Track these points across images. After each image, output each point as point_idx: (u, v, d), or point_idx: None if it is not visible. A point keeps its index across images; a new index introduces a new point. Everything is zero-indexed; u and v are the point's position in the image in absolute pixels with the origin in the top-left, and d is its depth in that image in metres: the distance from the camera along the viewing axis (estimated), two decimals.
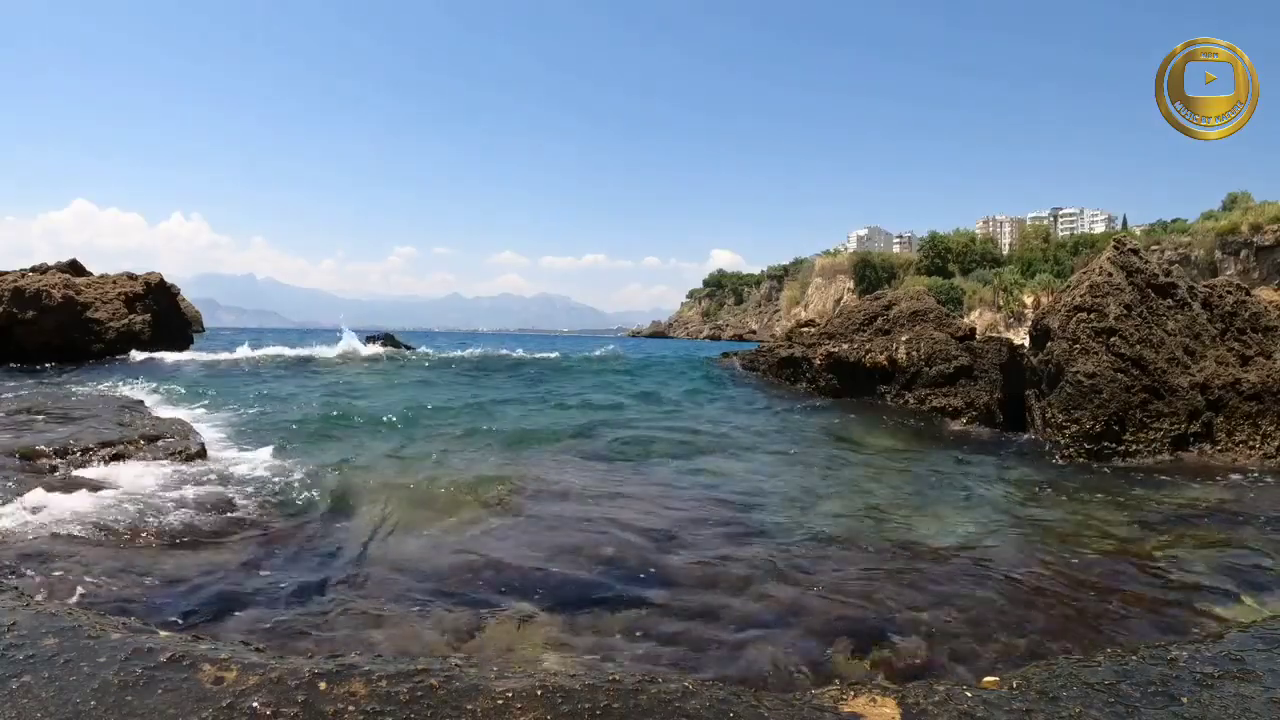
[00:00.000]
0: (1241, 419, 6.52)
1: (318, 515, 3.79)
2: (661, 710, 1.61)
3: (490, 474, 4.87)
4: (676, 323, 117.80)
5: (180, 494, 3.83)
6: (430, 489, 4.41)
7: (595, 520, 3.93)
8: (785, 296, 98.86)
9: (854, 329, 10.70)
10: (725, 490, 4.84)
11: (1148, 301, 7.09)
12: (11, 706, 1.50)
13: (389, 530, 3.61)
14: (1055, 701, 1.71)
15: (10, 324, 12.76)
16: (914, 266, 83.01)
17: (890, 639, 2.54)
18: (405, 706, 1.57)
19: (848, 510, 4.40)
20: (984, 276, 71.36)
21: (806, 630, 2.60)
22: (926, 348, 9.18)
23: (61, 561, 2.78)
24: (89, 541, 3.06)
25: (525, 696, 1.64)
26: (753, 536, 3.73)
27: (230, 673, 1.69)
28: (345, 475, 4.64)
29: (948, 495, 4.89)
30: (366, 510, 3.91)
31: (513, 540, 3.54)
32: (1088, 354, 6.68)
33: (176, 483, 4.05)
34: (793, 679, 2.26)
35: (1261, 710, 1.68)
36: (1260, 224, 53.76)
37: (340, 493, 4.18)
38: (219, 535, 3.37)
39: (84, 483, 3.87)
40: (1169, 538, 3.88)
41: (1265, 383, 6.60)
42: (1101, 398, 6.42)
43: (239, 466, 4.67)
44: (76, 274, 15.31)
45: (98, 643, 1.81)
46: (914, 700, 1.72)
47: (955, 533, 3.91)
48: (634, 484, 4.94)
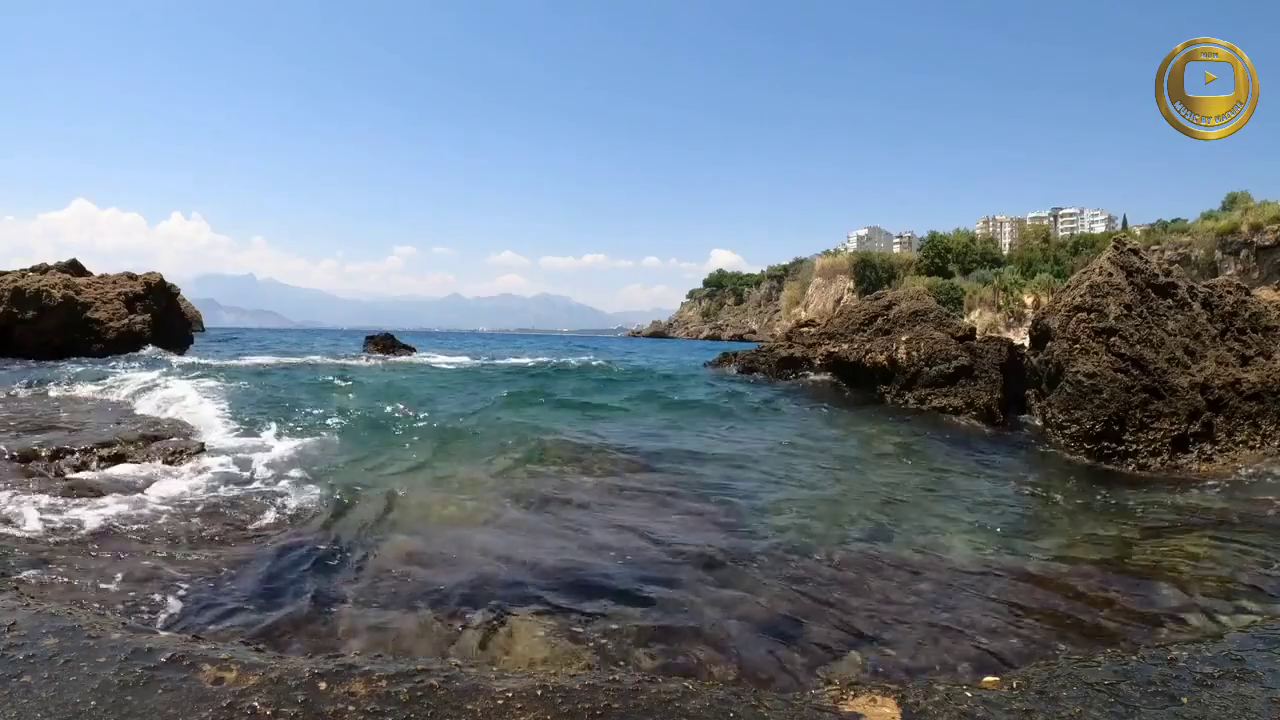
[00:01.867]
0: (1242, 419, 6.52)
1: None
2: (661, 710, 1.61)
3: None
4: (676, 323, 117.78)
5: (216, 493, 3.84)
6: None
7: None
8: (785, 296, 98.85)
9: (854, 329, 10.70)
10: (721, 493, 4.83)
11: (1148, 301, 7.08)
12: (11, 706, 1.50)
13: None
14: (1055, 701, 1.70)
15: (10, 324, 12.76)
16: (914, 266, 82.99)
17: (888, 637, 2.54)
18: (405, 706, 1.57)
19: (848, 507, 4.39)
20: (984, 276, 71.34)
21: (805, 627, 2.59)
22: (926, 348, 9.17)
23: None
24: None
25: (525, 696, 1.64)
26: (754, 538, 3.73)
27: (230, 673, 1.69)
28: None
29: (946, 494, 4.89)
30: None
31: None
32: (1088, 354, 6.68)
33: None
34: (795, 675, 2.26)
35: (1261, 710, 1.68)
36: (1260, 224, 53.74)
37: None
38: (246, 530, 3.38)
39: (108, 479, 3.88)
40: (1169, 539, 3.87)
41: (1265, 383, 6.60)
42: (1101, 398, 6.42)
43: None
44: (77, 274, 15.31)
45: (98, 643, 1.81)
46: (914, 700, 1.72)
47: (955, 533, 3.90)
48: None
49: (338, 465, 4.97)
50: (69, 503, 3.47)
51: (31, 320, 12.91)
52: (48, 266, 15.39)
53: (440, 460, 5.44)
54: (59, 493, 3.61)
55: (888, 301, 10.91)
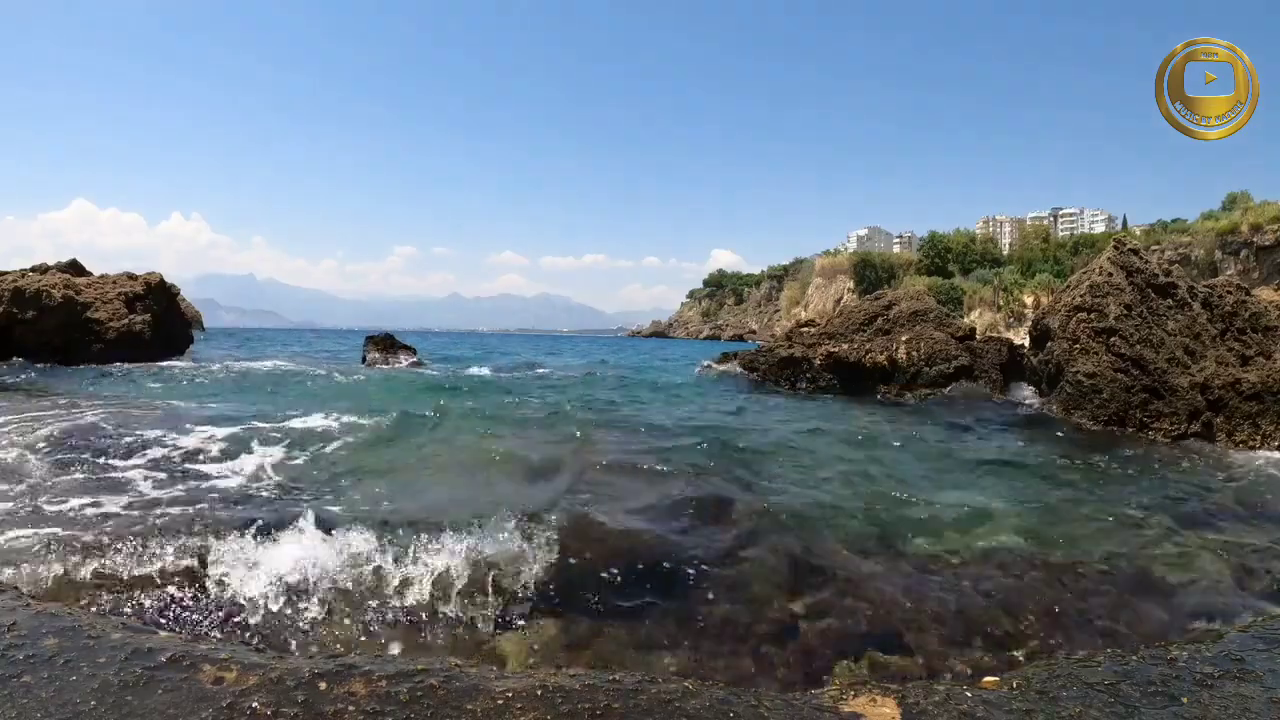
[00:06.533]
0: (1242, 419, 6.52)
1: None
2: (661, 710, 1.61)
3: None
4: (676, 323, 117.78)
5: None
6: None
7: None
8: (785, 296, 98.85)
9: (854, 329, 10.71)
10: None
11: (1148, 301, 7.08)
12: (11, 706, 1.50)
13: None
14: (1055, 701, 1.70)
15: (10, 324, 12.76)
16: (914, 266, 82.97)
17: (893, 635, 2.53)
18: (405, 706, 1.57)
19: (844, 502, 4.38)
20: (984, 276, 71.33)
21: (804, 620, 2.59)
22: (926, 347, 9.18)
23: None
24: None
25: (525, 696, 1.63)
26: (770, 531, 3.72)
27: (230, 673, 1.69)
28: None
29: (947, 486, 4.88)
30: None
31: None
32: (1088, 354, 6.68)
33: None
34: (793, 669, 2.26)
35: (1261, 710, 1.68)
36: (1260, 224, 53.73)
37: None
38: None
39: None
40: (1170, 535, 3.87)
41: (1265, 383, 6.60)
42: (1101, 397, 6.43)
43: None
44: (77, 274, 15.30)
45: (98, 643, 1.81)
46: (914, 700, 1.72)
47: (957, 518, 3.90)
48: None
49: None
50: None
51: (31, 320, 12.91)
52: (48, 266, 15.37)
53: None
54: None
55: (888, 301, 10.92)
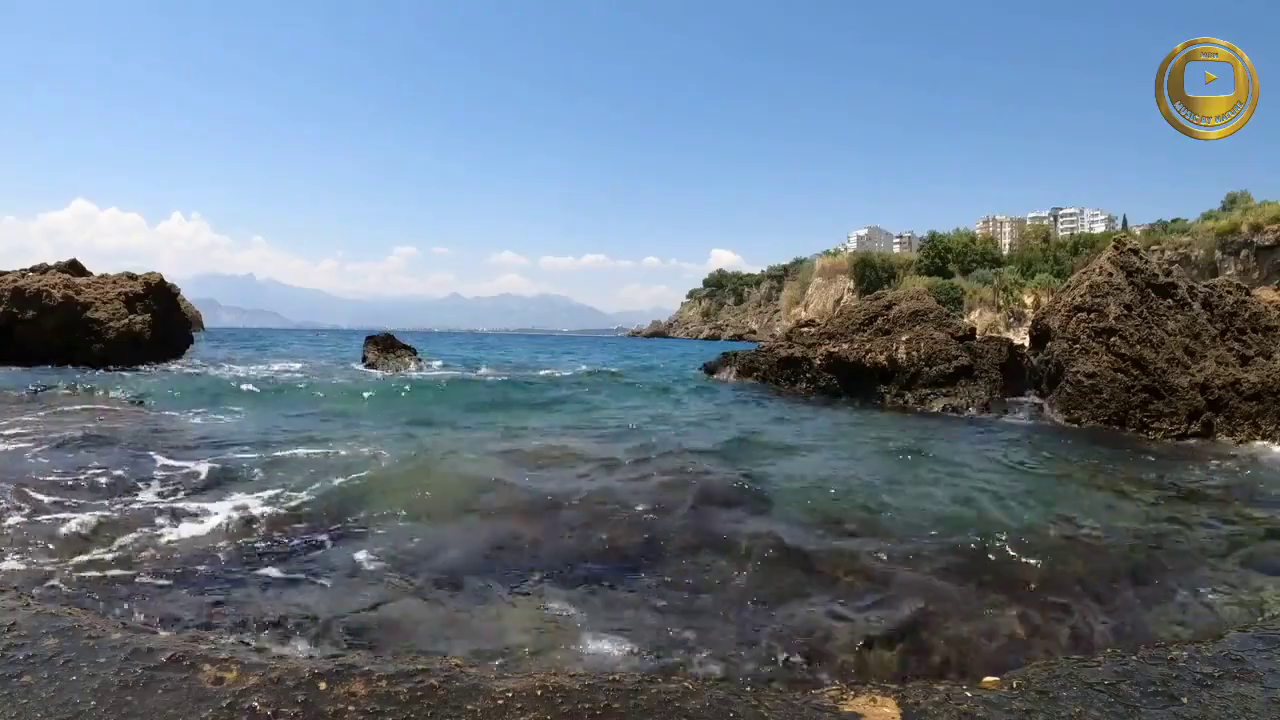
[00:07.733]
0: (1242, 419, 6.52)
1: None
2: (661, 710, 1.61)
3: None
4: (676, 323, 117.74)
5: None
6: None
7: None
8: (785, 296, 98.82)
9: (854, 329, 10.70)
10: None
11: (1148, 301, 7.09)
12: (12, 706, 1.50)
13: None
14: (1055, 701, 1.70)
15: (10, 324, 12.76)
16: (914, 266, 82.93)
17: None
18: (405, 706, 1.57)
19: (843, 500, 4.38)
20: (984, 276, 71.31)
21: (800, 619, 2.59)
22: (926, 347, 9.18)
23: None
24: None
25: (525, 696, 1.63)
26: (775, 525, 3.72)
27: (230, 673, 1.69)
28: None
29: (944, 484, 4.88)
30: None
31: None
32: (1088, 354, 6.68)
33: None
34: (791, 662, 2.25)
35: (1261, 710, 1.68)
36: (1260, 224, 53.71)
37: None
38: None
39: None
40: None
41: (1265, 383, 6.60)
42: (1102, 397, 6.43)
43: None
44: (77, 274, 15.29)
45: (98, 643, 1.81)
46: (914, 700, 1.72)
47: (960, 518, 3.90)
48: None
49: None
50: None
51: (31, 320, 12.91)
52: (48, 266, 15.36)
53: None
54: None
55: (888, 301, 10.93)
